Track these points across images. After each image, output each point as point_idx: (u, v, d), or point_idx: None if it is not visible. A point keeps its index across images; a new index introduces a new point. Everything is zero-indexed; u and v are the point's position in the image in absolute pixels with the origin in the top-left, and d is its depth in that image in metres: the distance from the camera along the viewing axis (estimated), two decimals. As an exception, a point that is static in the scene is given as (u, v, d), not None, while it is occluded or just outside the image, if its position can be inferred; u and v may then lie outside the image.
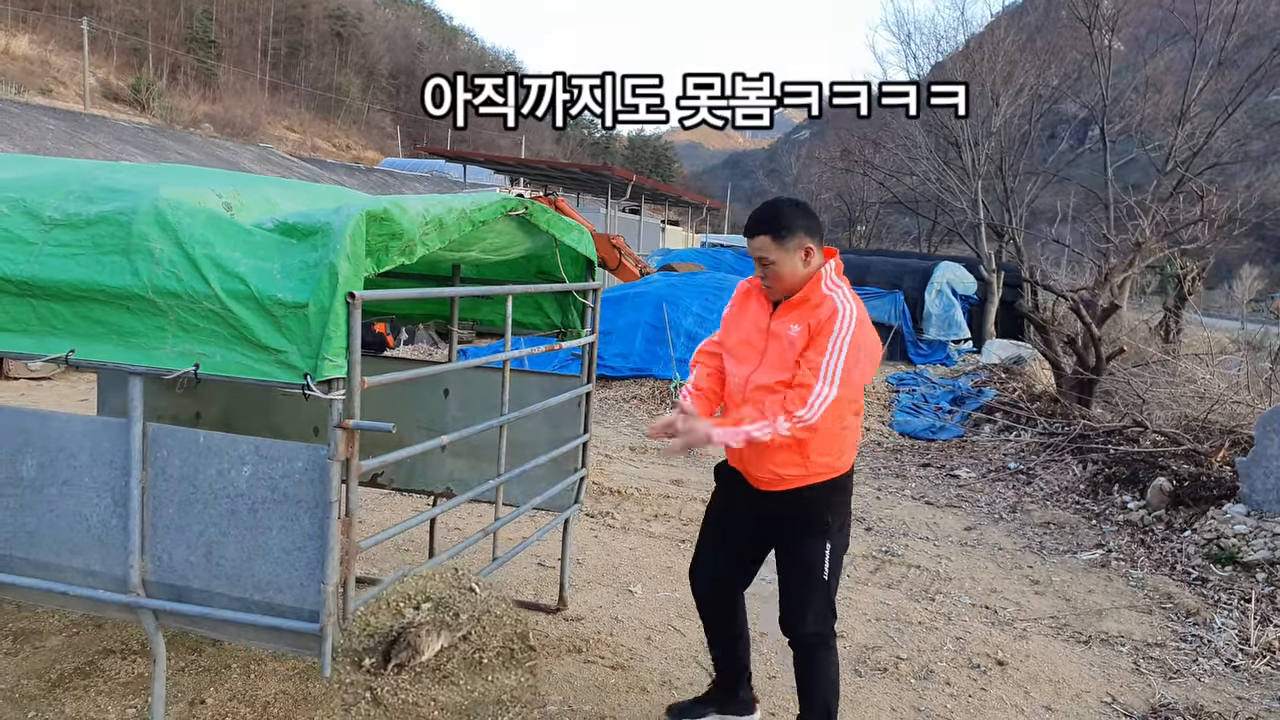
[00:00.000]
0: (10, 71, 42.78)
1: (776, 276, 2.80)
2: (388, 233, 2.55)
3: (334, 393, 2.45)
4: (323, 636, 2.56)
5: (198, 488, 2.65)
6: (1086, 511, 6.47)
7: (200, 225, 2.55)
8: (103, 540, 2.74)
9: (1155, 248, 11.41)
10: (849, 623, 4.35)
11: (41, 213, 2.69)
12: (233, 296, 2.47)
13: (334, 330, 2.40)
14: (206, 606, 2.69)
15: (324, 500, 2.51)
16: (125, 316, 2.59)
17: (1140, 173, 19.86)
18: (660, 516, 6.06)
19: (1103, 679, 3.90)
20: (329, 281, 2.40)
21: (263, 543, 2.61)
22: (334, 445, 2.48)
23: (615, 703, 3.44)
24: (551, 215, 3.59)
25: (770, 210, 2.84)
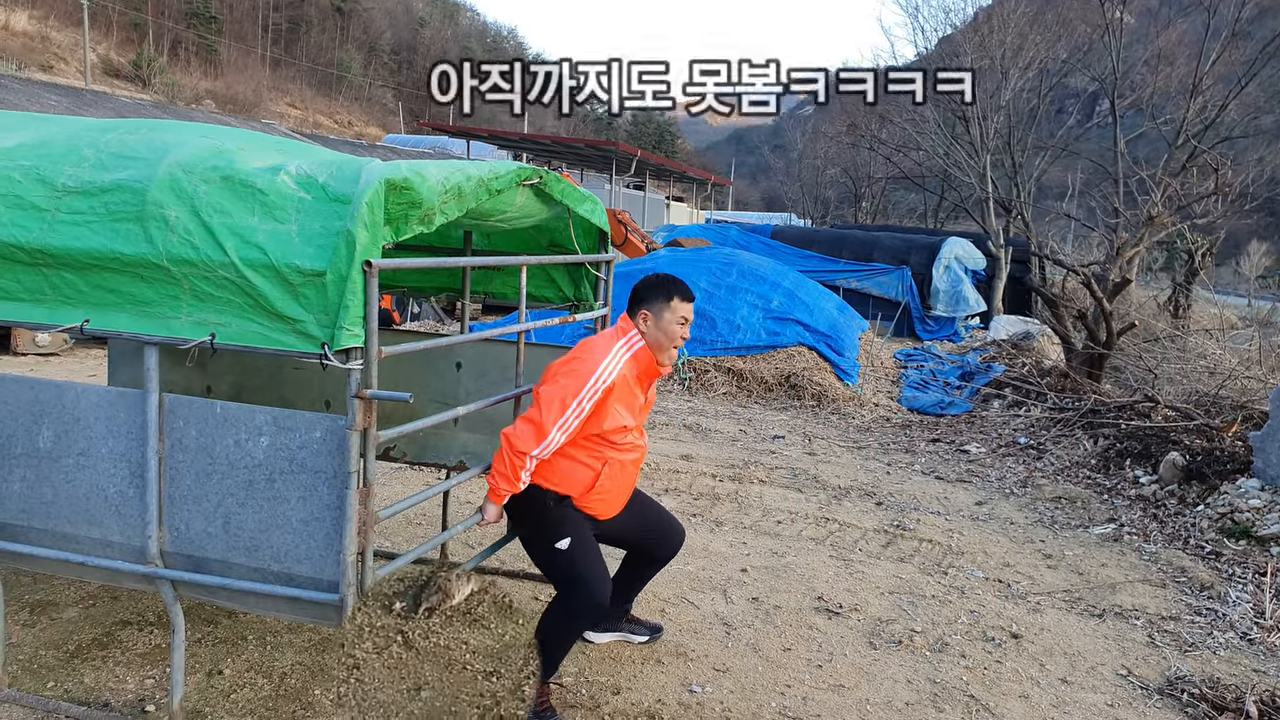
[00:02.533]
0: (10, 48, 42.50)
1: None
2: (407, 201, 2.52)
3: (351, 362, 2.43)
4: (342, 607, 2.56)
5: (215, 459, 2.63)
6: (1098, 486, 6.45)
7: (216, 192, 2.52)
8: (120, 511, 2.73)
9: (1166, 222, 11.31)
10: (862, 596, 4.35)
11: (55, 180, 2.66)
12: (249, 265, 2.44)
13: (351, 299, 2.38)
14: (224, 577, 2.68)
15: (342, 471, 2.49)
16: (140, 285, 2.56)
17: (1149, 147, 19.66)
18: (670, 491, 6.05)
19: (1118, 652, 3.90)
20: (346, 250, 2.37)
21: (281, 513, 2.60)
22: (352, 415, 2.46)
23: (631, 673, 3.45)
24: (566, 185, 3.55)
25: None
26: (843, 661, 3.66)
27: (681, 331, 3.04)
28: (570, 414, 2.86)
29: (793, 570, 4.65)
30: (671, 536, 3.45)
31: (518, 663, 3.39)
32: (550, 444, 2.87)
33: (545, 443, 2.86)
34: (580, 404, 2.87)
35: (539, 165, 3.76)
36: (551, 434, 2.86)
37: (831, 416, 9.26)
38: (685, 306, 3.04)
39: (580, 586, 2.96)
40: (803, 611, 4.13)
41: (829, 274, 16.66)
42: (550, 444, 2.87)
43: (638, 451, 3.13)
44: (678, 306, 3.02)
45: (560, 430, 2.86)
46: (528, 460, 2.88)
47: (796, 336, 10.54)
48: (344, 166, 2.59)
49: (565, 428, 2.87)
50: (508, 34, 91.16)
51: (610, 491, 3.07)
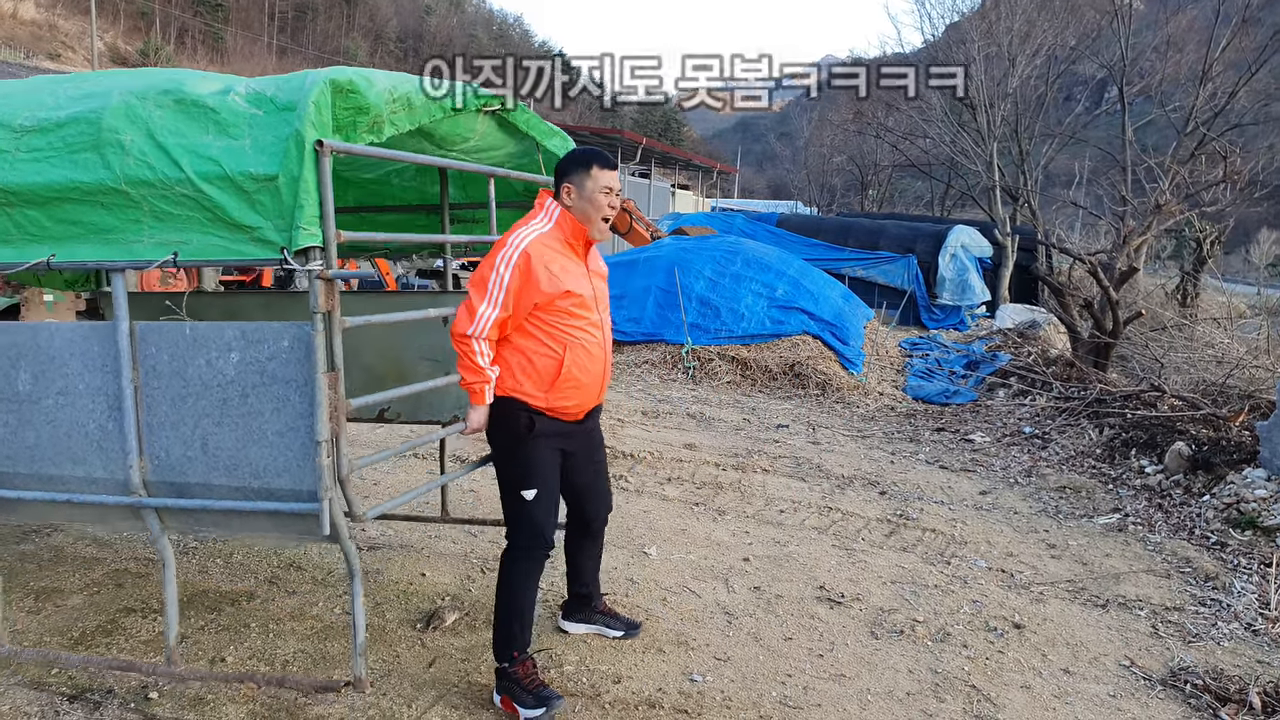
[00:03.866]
0: (19, 36, 42.56)
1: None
2: (354, 106, 2.55)
3: (311, 263, 2.45)
4: (321, 515, 2.58)
5: (188, 381, 2.65)
6: (1103, 476, 6.43)
7: (169, 115, 2.56)
8: (101, 446, 2.75)
9: (1175, 210, 11.22)
10: (864, 585, 4.34)
11: (13, 122, 2.71)
12: (204, 178, 2.48)
13: (305, 198, 2.41)
14: (207, 499, 2.70)
15: (312, 377, 2.51)
16: (101, 213, 2.60)
17: (1158, 135, 19.52)
18: (674, 480, 6.05)
19: (1121, 642, 3.89)
20: (296, 150, 2.41)
21: (256, 428, 2.62)
22: (314, 297, 2.48)
23: (632, 662, 3.45)
24: (531, 116, 3.56)
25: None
26: (844, 651, 3.66)
27: (608, 200, 3.00)
28: (493, 285, 2.83)
29: (795, 559, 4.65)
30: (605, 498, 3.44)
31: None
32: (483, 319, 2.83)
33: (478, 317, 2.83)
34: (498, 272, 2.83)
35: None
36: (481, 308, 2.83)
37: (836, 405, 9.24)
38: (607, 174, 2.99)
39: (529, 529, 3.01)
40: (804, 601, 4.13)
41: (834, 262, 16.61)
42: (483, 319, 2.83)
43: (600, 331, 3.06)
44: (598, 174, 2.97)
45: (489, 304, 2.83)
46: (473, 343, 2.85)
47: (801, 325, 10.51)
48: (291, 79, 2.62)
49: (493, 300, 2.83)
50: (513, 21, 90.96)
51: (580, 381, 3.00)
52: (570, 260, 2.99)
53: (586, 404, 3.10)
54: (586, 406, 3.11)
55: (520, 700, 2.98)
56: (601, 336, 3.07)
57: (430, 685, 3.18)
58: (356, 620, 2.81)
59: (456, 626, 3.65)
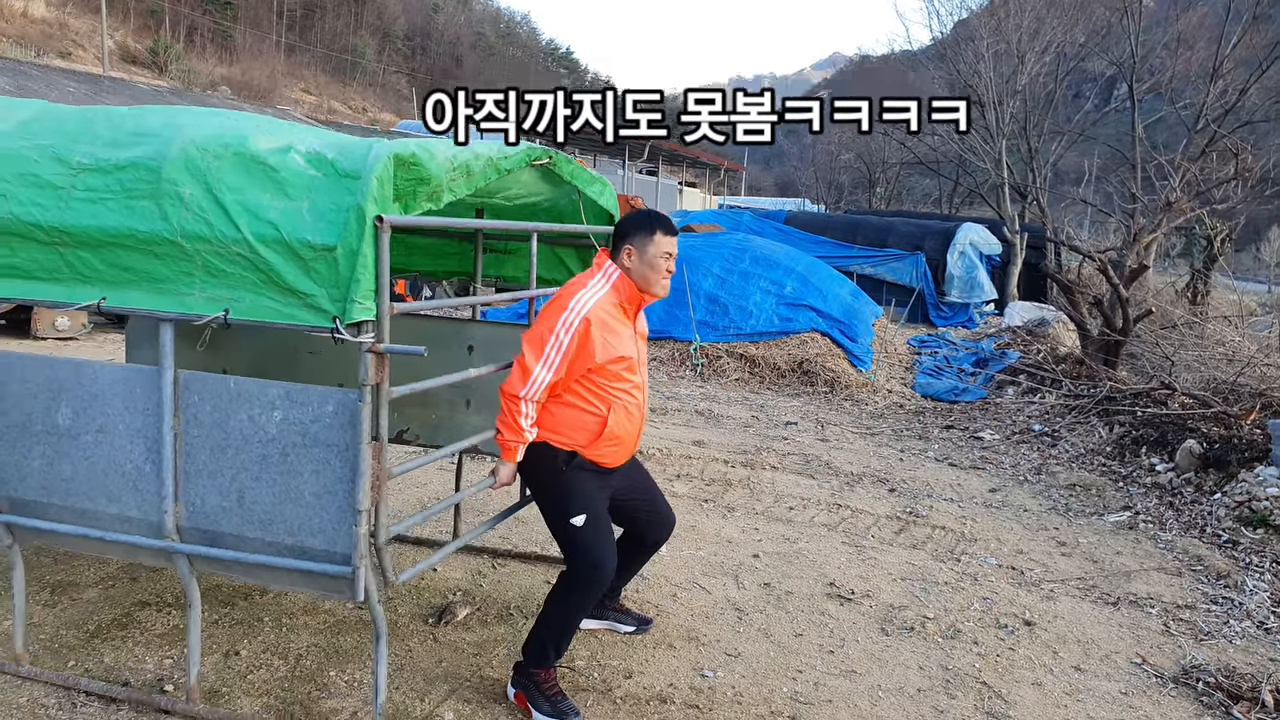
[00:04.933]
0: (30, 35, 42.72)
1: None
2: (415, 177, 2.53)
3: (363, 335, 2.45)
4: (354, 579, 2.58)
5: (229, 433, 2.66)
6: (1113, 474, 6.41)
7: (229, 170, 2.54)
8: (137, 486, 2.77)
9: (1185, 207, 11.17)
10: (874, 582, 4.35)
11: (70, 158, 2.68)
12: (261, 240, 2.47)
13: (362, 273, 2.40)
14: (239, 550, 2.71)
15: (354, 444, 2.52)
16: (154, 262, 2.59)
17: (1168, 132, 19.42)
18: (683, 476, 6.06)
19: (1132, 640, 3.88)
20: (356, 224, 2.39)
21: (294, 487, 2.62)
22: (364, 370, 2.47)
23: (643, 657, 3.46)
24: (575, 166, 3.56)
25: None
26: (854, 647, 3.67)
27: (666, 265, 3.02)
28: (550, 349, 2.85)
29: (804, 556, 4.65)
30: (666, 520, 3.44)
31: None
32: (537, 381, 2.85)
33: (531, 379, 2.85)
34: (558, 337, 2.85)
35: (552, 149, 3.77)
36: (536, 371, 2.85)
37: (844, 403, 9.23)
38: (668, 240, 3.01)
39: (587, 559, 2.97)
40: (814, 597, 4.13)
41: (843, 260, 16.58)
42: (537, 381, 2.85)
43: (641, 393, 3.10)
44: (660, 240, 2.99)
45: (545, 367, 2.85)
46: (521, 404, 2.87)
47: (809, 322, 10.51)
48: (353, 145, 2.60)
49: (549, 364, 2.85)
50: (520, 20, 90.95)
51: (618, 437, 3.03)
52: (622, 324, 3.02)
53: (621, 459, 3.13)
54: (620, 461, 3.14)
55: (536, 704, 2.98)
56: (641, 397, 3.12)
57: (443, 679, 3.20)
58: (379, 681, 2.77)
59: (468, 621, 3.66)
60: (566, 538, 3.01)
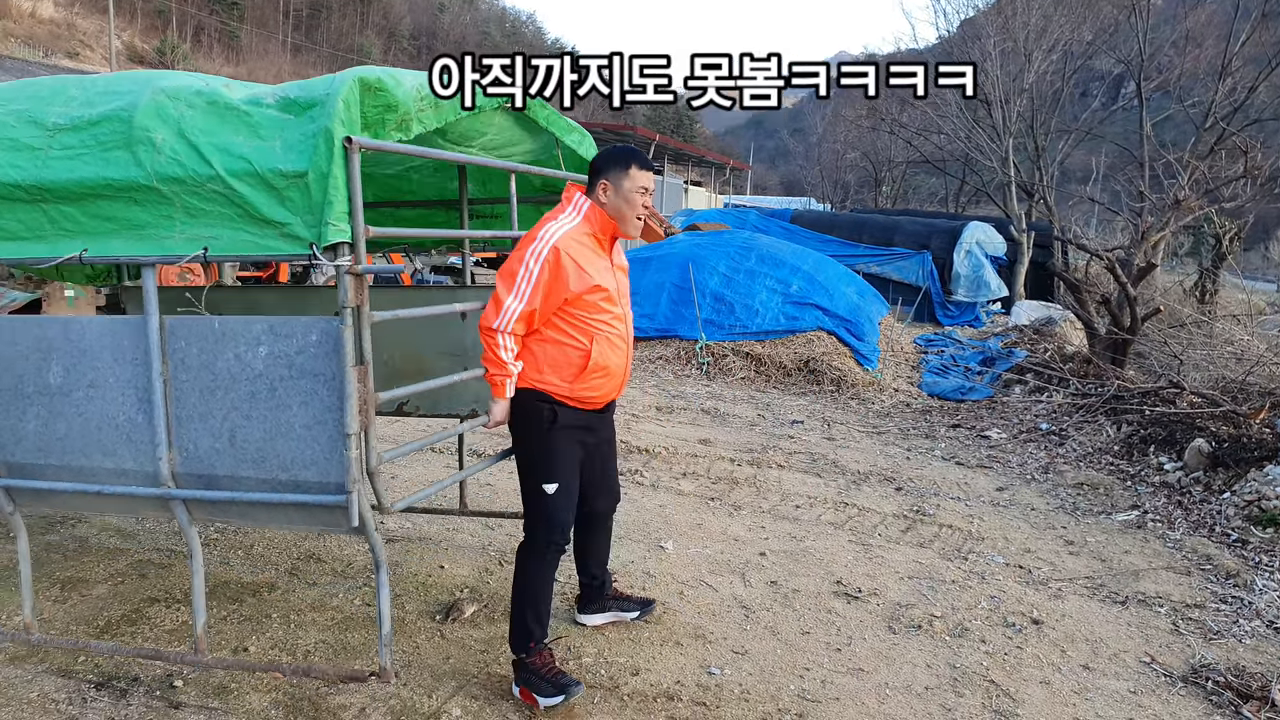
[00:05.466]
0: (38, 35, 42.91)
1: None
2: (382, 104, 2.58)
3: (340, 258, 2.48)
4: (349, 507, 2.60)
5: (217, 374, 2.68)
6: (1121, 473, 6.39)
7: (200, 114, 2.60)
8: (131, 438, 2.79)
9: (1194, 206, 11.11)
10: (881, 580, 4.34)
11: (46, 120, 2.76)
12: (234, 175, 2.52)
13: (334, 194, 2.44)
14: (234, 491, 2.74)
15: (340, 371, 2.54)
16: (133, 209, 2.64)
17: (1176, 130, 19.32)
18: (689, 475, 6.06)
19: (1141, 639, 3.87)
20: (325, 147, 2.43)
21: (284, 421, 2.64)
22: (343, 292, 2.50)
23: (650, 654, 3.46)
24: (551, 112, 3.59)
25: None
26: (861, 645, 3.66)
27: (643, 200, 3.01)
28: (520, 279, 2.85)
29: (811, 555, 4.65)
30: (612, 491, 3.47)
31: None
32: (509, 311, 2.85)
33: (503, 310, 2.85)
34: (527, 266, 2.85)
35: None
36: (507, 301, 2.85)
37: (851, 402, 9.22)
38: (645, 175, 3.01)
39: (548, 528, 3.03)
40: (821, 595, 4.13)
41: (849, 259, 16.54)
42: (509, 311, 2.85)
43: (624, 324, 3.09)
44: (636, 174, 2.99)
45: (516, 298, 2.84)
46: (498, 336, 2.87)
47: (815, 321, 10.49)
48: (319, 79, 2.66)
49: (520, 294, 2.85)
50: (526, 19, 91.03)
51: (604, 368, 3.02)
52: (597, 255, 3.02)
53: (610, 394, 3.13)
54: (609, 396, 3.15)
55: (539, 690, 2.99)
56: (624, 329, 3.11)
57: (450, 676, 3.20)
58: (382, 610, 2.83)
59: (475, 618, 3.67)
60: (534, 501, 3.05)
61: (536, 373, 2.98)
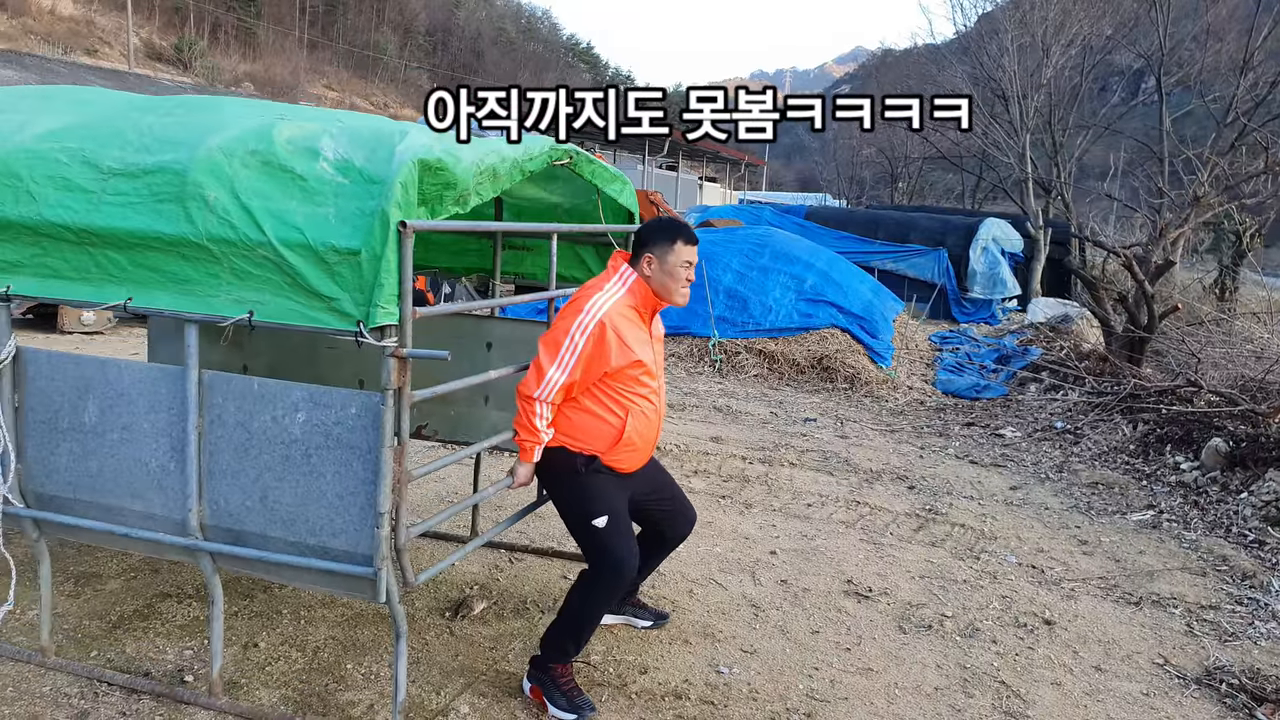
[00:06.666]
0: (57, 32, 43.25)
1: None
2: (441, 182, 2.54)
3: (386, 339, 2.46)
4: (376, 580, 2.60)
5: (252, 434, 2.68)
6: (1137, 472, 6.34)
7: (254, 176, 2.56)
8: (161, 484, 2.80)
9: (1214, 203, 10.99)
10: (892, 580, 4.32)
11: (100, 163, 2.72)
12: (286, 245, 2.48)
13: (386, 277, 2.41)
14: (262, 550, 2.74)
15: (376, 446, 2.53)
16: (181, 264, 2.62)
17: (1197, 126, 19.10)
18: (700, 473, 6.05)
19: (1154, 640, 3.83)
20: (381, 230, 2.40)
21: (317, 488, 2.64)
22: (387, 374, 2.49)
23: (658, 653, 3.46)
24: (596, 165, 3.56)
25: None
26: (871, 645, 3.65)
27: (686, 274, 3.02)
28: (565, 351, 2.86)
29: (822, 553, 4.63)
30: (685, 516, 3.43)
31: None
32: (551, 382, 2.86)
33: (545, 381, 2.86)
34: (573, 339, 2.86)
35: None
36: (550, 372, 2.85)
37: (864, 399, 9.18)
38: (689, 249, 3.01)
39: (609, 559, 2.97)
40: (832, 595, 4.12)
41: (864, 255, 16.48)
42: (551, 382, 2.86)
43: (659, 398, 3.10)
44: (681, 249, 2.99)
45: (559, 369, 2.85)
46: (536, 405, 2.88)
47: (829, 318, 10.45)
48: (380, 146, 2.60)
49: (564, 365, 2.85)
50: (541, 15, 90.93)
51: (636, 445, 3.03)
52: (639, 328, 3.02)
53: (639, 464, 3.13)
54: (638, 465, 3.14)
55: (552, 699, 2.99)
56: (659, 402, 3.12)
57: (459, 673, 3.21)
58: (398, 679, 2.79)
59: (485, 615, 3.68)
60: (589, 540, 3.01)
61: (570, 437, 2.99)
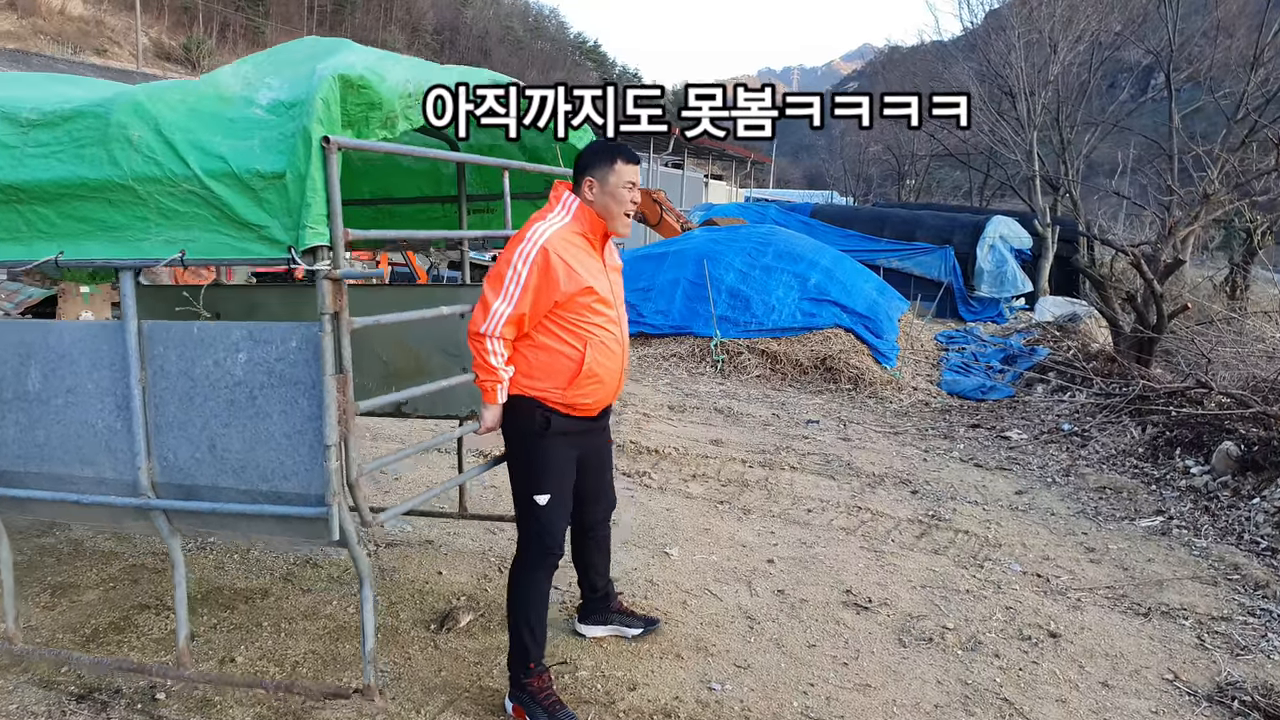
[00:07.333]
0: (67, 32, 43.42)
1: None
2: (365, 101, 2.48)
3: (319, 262, 2.40)
4: (329, 520, 2.53)
5: (196, 381, 2.62)
6: (1145, 476, 6.19)
7: (181, 115, 2.53)
8: (110, 446, 2.73)
9: (1224, 200, 10.82)
10: (892, 590, 4.20)
11: (18, 115, 2.69)
12: (211, 175, 2.44)
13: (313, 196, 2.35)
14: (214, 502, 2.67)
15: (320, 379, 2.45)
16: (108, 210, 2.58)
17: (1206, 122, 18.89)
18: (698, 477, 5.94)
19: (1164, 654, 3.70)
20: (303, 147, 2.35)
21: (264, 430, 2.57)
22: (322, 298, 2.42)
23: (648, 668, 3.35)
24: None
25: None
26: (870, 659, 3.53)
27: (630, 195, 2.91)
28: (509, 281, 2.75)
29: (821, 561, 4.51)
30: (607, 499, 3.35)
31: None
32: (497, 315, 2.74)
33: (491, 313, 2.75)
34: (515, 268, 2.74)
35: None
36: (495, 305, 2.74)
37: (868, 401, 9.05)
38: (630, 169, 2.90)
39: (541, 540, 2.93)
40: (830, 605, 4.00)
41: (869, 253, 16.34)
42: (497, 315, 2.74)
43: (619, 328, 2.97)
44: (622, 169, 2.88)
45: (504, 300, 2.74)
46: (486, 341, 2.77)
47: (833, 318, 10.32)
48: (304, 71, 2.53)
49: (509, 296, 2.74)
50: (549, 14, 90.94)
51: (600, 378, 2.91)
52: (589, 255, 2.90)
53: (604, 400, 3.01)
54: (605, 402, 3.03)
55: (533, 715, 2.89)
56: (619, 332, 2.99)
57: (441, 689, 3.11)
58: (366, 626, 2.74)
59: (471, 628, 3.57)
60: (526, 513, 2.96)
61: (528, 379, 2.88)
